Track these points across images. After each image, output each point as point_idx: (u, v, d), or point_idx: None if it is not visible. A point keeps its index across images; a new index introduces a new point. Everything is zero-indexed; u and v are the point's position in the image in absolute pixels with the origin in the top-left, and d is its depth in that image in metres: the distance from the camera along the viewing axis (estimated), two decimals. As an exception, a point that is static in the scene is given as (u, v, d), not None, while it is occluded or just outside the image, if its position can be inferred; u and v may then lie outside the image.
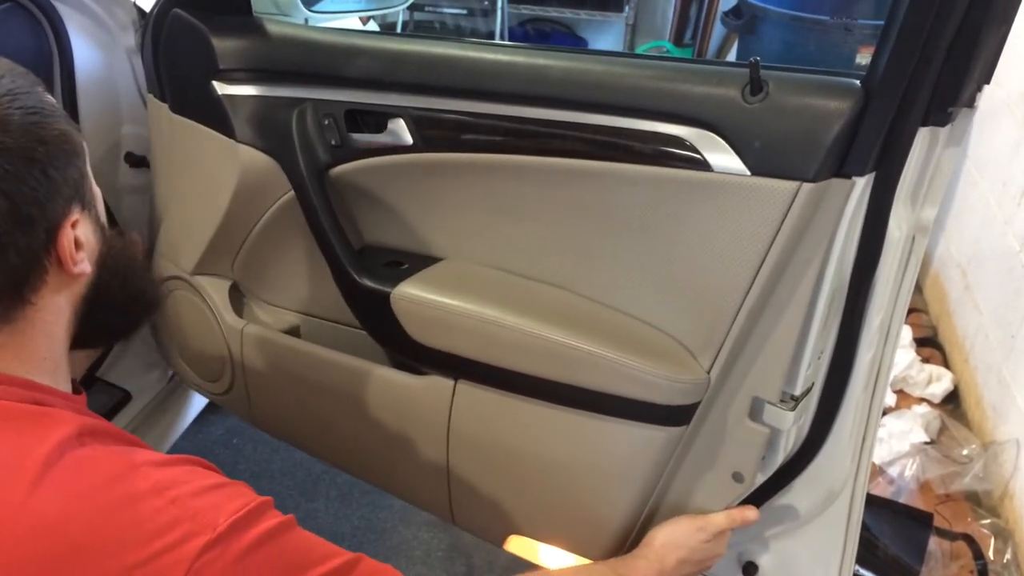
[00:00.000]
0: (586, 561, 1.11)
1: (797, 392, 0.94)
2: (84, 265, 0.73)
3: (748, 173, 0.83)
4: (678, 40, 3.63)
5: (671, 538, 0.99)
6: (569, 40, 3.87)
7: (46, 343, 0.72)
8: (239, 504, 0.64)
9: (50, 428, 0.64)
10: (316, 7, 1.33)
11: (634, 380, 0.93)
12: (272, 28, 1.10)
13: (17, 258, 0.67)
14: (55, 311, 0.72)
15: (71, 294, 0.74)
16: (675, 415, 0.96)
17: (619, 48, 3.75)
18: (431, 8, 3.69)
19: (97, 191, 0.78)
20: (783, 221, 0.83)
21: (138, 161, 1.41)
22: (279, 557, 0.64)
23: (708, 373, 0.94)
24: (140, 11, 1.41)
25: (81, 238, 0.72)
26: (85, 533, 0.58)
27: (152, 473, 0.64)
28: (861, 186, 0.82)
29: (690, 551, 0.99)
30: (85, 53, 1.38)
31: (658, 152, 0.88)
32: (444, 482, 1.16)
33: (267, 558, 0.63)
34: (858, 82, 0.80)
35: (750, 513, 1.01)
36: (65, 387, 0.75)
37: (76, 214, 0.71)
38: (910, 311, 2.31)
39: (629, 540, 1.09)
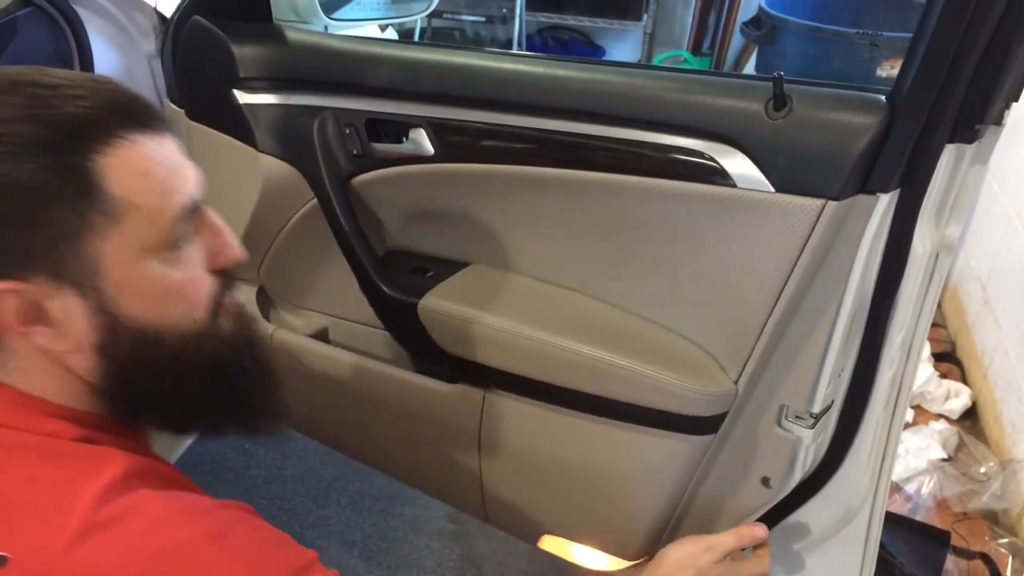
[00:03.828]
0: (619, 561, 1.11)
1: (816, 410, 0.93)
2: (50, 343, 0.60)
3: (772, 190, 0.82)
4: (696, 49, 3.62)
5: (681, 558, 0.97)
6: (587, 48, 3.86)
7: (49, 380, 0.63)
8: (291, 560, 0.62)
9: (98, 470, 0.59)
10: (336, 15, 1.33)
11: (663, 392, 0.93)
12: (292, 36, 1.10)
13: None
14: (39, 363, 0.62)
15: (64, 361, 0.62)
16: (703, 425, 0.96)
17: (637, 57, 3.74)
18: (449, 15, 3.70)
19: (156, 283, 0.62)
20: (808, 238, 0.82)
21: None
22: None
23: (735, 384, 0.94)
24: (161, 16, 1.41)
25: (51, 313, 0.59)
26: None
27: (202, 519, 0.60)
28: (885, 203, 0.81)
29: (698, 572, 0.97)
30: (105, 58, 1.39)
31: (680, 166, 0.87)
32: (477, 484, 1.17)
33: None
34: (883, 98, 0.79)
35: (758, 531, 0.99)
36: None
37: (13, 281, 0.57)
38: (928, 326, 2.30)
39: (662, 540, 1.10)
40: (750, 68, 3.36)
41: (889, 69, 2.41)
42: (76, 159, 0.56)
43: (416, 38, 3.52)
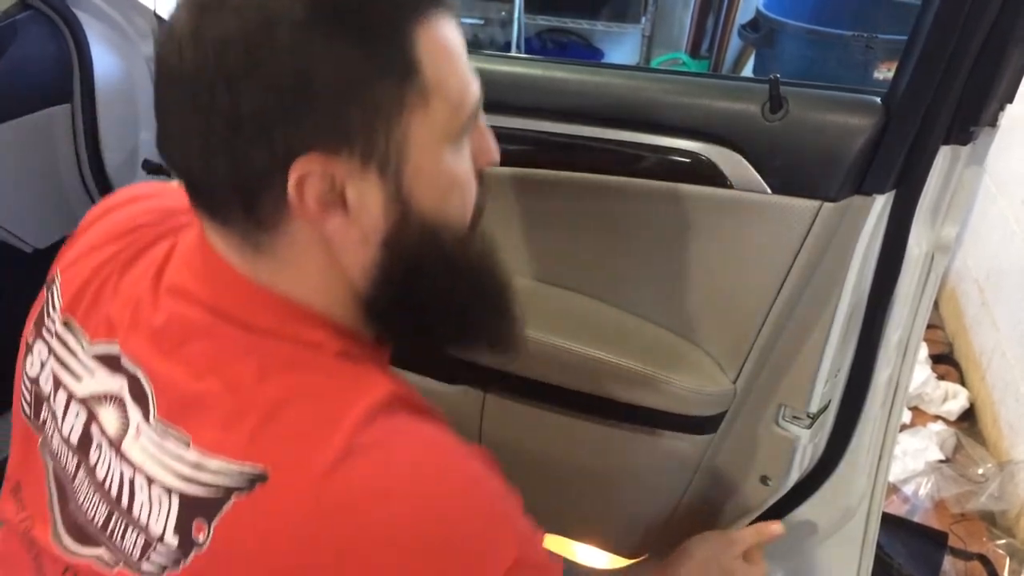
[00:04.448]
0: (620, 559, 1.12)
1: (813, 409, 0.93)
2: (343, 232, 0.56)
3: (769, 191, 0.83)
4: (695, 52, 3.63)
5: (705, 555, 0.96)
6: (585, 51, 3.87)
7: (323, 286, 0.59)
8: (523, 527, 0.60)
9: (361, 391, 0.56)
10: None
11: (662, 392, 0.94)
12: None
13: (250, 159, 0.52)
14: (317, 256, 0.58)
15: (342, 254, 0.58)
16: (702, 425, 0.97)
17: (636, 59, 3.74)
18: (448, 18, 3.70)
19: (440, 163, 0.58)
20: (805, 239, 0.83)
21: (155, 168, 1.42)
22: None
23: (734, 383, 0.94)
24: (159, 19, 1.42)
25: (350, 197, 0.55)
26: (398, 520, 0.52)
27: (459, 461, 0.57)
28: (881, 204, 0.81)
29: (721, 569, 0.96)
30: (105, 60, 1.39)
31: (678, 168, 0.87)
32: None
33: None
34: (879, 99, 0.79)
35: (775, 528, 0.98)
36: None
37: (326, 157, 0.53)
38: (927, 327, 2.31)
39: (662, 538, 1.11)
40: (748, 70, 3.36)
41: (886, 72, 2.42)
42: (400, 33, 0.53)
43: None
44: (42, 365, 0.67)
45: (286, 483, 0.51)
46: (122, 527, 0.57)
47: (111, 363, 0.61)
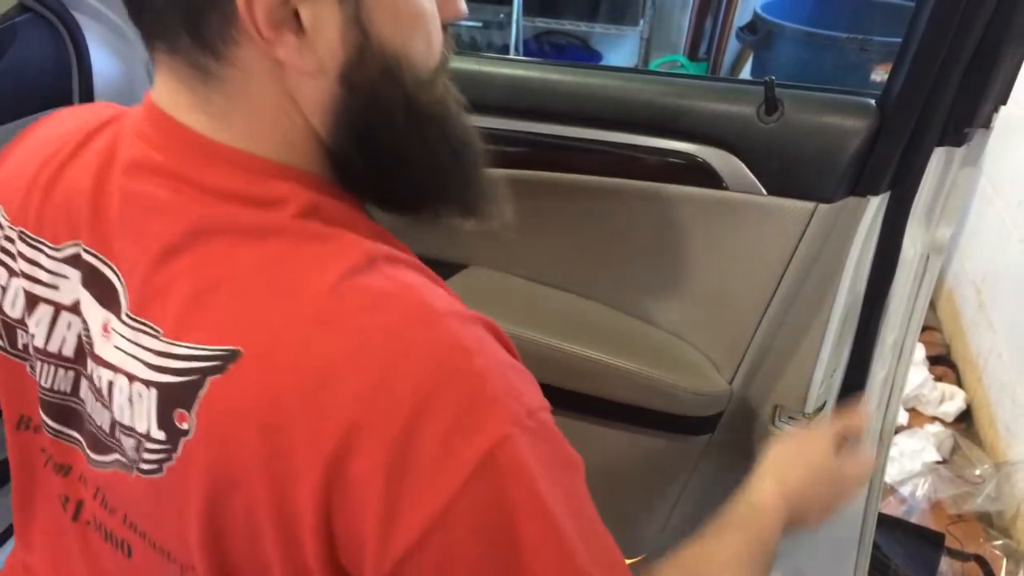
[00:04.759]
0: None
1: (809, 410, 0.94)
2: (294, 56, 0.52)
3: (765, 192, 0.83)
4: (693, 54, 3.63)
5: (787, 458, 0.82)
6: (584, 53, 3.87)
7: (278, 123, 0.55)
8: (529, 397, 0.54)
9: (334, 256, 0.52)
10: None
11: (659, 393, 0.94)
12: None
13: None
14: (268, 87, 0.54)
15: (295, 86, 0.54)
16: (699, 425, 0.98)
17: (634, 61, 3.75)
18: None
19: (409, 3, 0.55)
20: (800, 240, 0.83)
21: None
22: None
23: (730, 384, 0.94)
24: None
25: (305, 17, 0.51)
26: (374, 381, 0.47)
27: (464, 322, 0.52)
28: (876, 205, 0.82)
29: (808, 467, 0.81)
30: (104, 63, 1.39)
31: (675, 169, 0.88)
32: None
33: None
34: (873, 101, 0.80)
35: (862, 411, 0.86)
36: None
37: None
38: (924, 328, 2.30)
39: (657, 538, 1.12)
40: (746, 72, 3.37)
41: (883, 74, 2.42)
42: None
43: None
44: (3, 291, 0.64)
45: (261, 358, 0.49)
46: (120, 430, 0.56)
47: (78, 263, 0.59)
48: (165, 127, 0.56)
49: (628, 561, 1.14)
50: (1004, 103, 0.80)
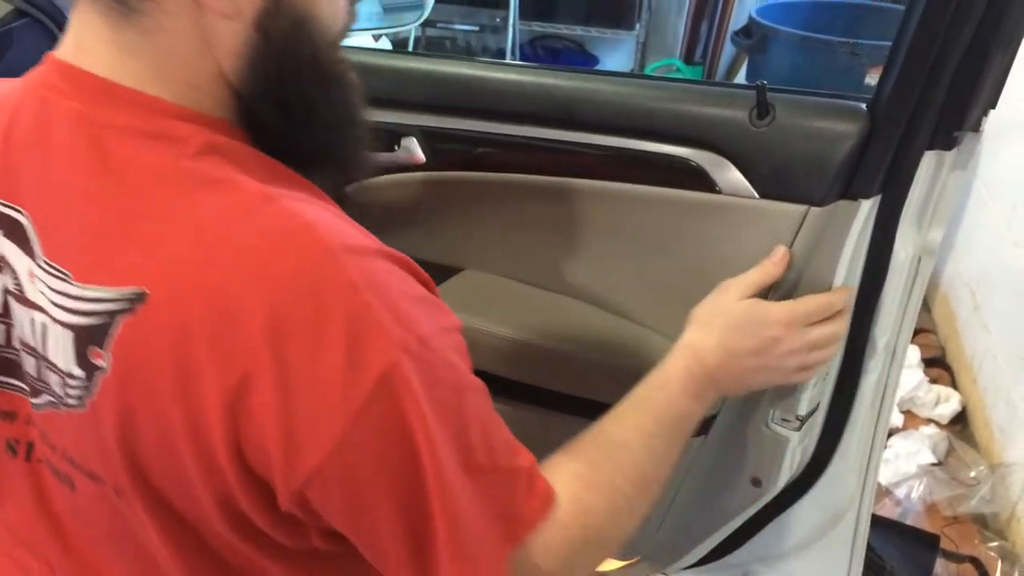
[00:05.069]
0: (610, 562, 1.11)
1: (802, 412, 0.94)
2: None
3: (757, 196, 0.84)
4: (689, 58, 3.65)
5: (706, 309, 0.82)
6: (580, 57, 3.89)
7: (188, 64, 0.58)
8: (440, 319, 0.60)
9: (229, 194, 0.55)
10: (329, 25, 1.34)
11: None
12: (326, 40, 1.12)
13: None
14: (186, 27, 0.56)
15: (212, 30, 0.57)
16: None
17: (630, 65, 3.76)
18: (443, 25, 3.72)
19: None
20: (792, 243, 0.84)
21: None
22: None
23: None
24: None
25: None
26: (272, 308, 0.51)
27: (348, 262, 0.54)
28: (867, 208, 0.83)
29: (726, 313, 0.80)
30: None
31: (668, 173, 0.89)
32: None
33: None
34: (864, 106, 0.81)
35: (779, 250, 0.84)
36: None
37: None
38: (919, 331, 2.32)
39: (652, 538, 1.12)
40: (742, 76, 3.38)
41: (876, 77, 2.43)
42: None
43: (410, 47, 3.54)
44: None
45: (166, 298, 0.52)
46: (46, 370, 0.59)
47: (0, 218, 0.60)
48: (67, 74, 0.58)
49: (622, 564, 1.14)
50: (993, 107, 0.81)
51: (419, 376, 0.53)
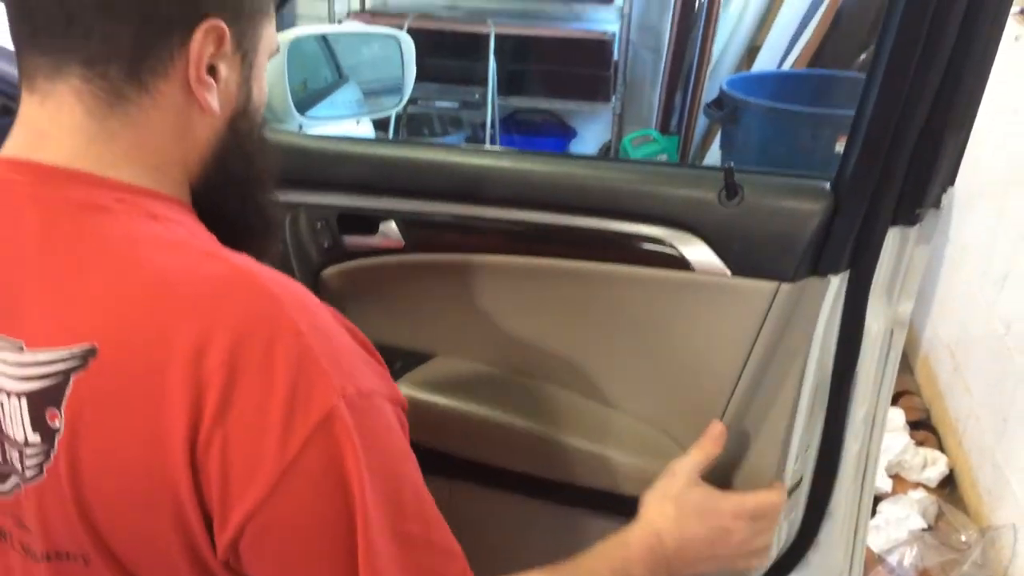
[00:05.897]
0: None
1: (786, 487, 0.94)
2: (211, 99, 0.62)
3: (729, 273, 0.85)
4: (665, 128, 3.72)
5: (655, 496, 0.82)
6: (558, 130, 3.96)
7: (160, 150, 0.62)
8: (374, 380, 0.62)
9: (173, 246, 0.60)
10: (310, 112, 1.37)
11: (628, 478, 0.95)
12: (267, 137, 1.14)
13: (151, 18, 0.59)
14: (171, 119, 0.62)
15: (191, 123, 0.63)
16: None
17: (608, 136, 3.84)
18: (424, 102, 3.79)
19: (264, 66, 0.70)
20: (764, 319, 0.85)
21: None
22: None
23: None
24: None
25: (220, 72, 0.63)
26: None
27: (293, 313, 0.57)
28: (837, 283, 0.84)
29: (676, 500, 0.81)
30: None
31: (641, 253, 0.90)
32: None
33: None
34: (828, 184, 0.83)
35: (715, 428, 0.86)
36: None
37: (218, 22, 0.60)
38: (904, 393, 2.33)
39: None
40: (716, 144, 3.45)
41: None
42: None
43: (392, 125, 3.60)
44: None
45: (114, 349, 0.54)
46: (10, 449, 0.58)
47: None
48: (22, 169, 0.60)
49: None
50: (952, 184, 0.83)
51: (357, 428, 0.55)
